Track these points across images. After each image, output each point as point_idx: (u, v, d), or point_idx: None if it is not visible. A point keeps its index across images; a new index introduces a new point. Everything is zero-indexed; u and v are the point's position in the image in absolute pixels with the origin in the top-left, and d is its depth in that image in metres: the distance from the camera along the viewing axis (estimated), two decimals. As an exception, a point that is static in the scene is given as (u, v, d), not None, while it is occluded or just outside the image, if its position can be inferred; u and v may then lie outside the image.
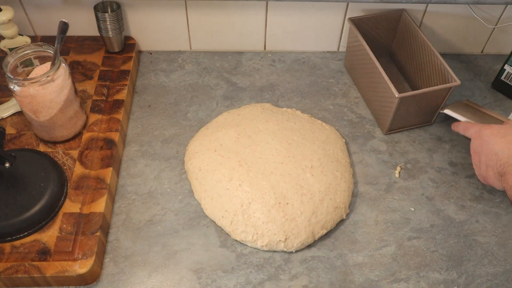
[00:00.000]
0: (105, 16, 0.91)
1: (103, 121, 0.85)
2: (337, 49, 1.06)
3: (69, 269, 0.67)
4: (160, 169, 0.83)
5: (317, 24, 1.00)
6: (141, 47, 1.04)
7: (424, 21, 0.99)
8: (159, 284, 0.70)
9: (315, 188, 0.77)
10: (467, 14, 0.98)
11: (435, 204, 0.81)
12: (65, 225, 0.72)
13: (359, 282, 0.72)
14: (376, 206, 0.80)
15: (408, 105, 0.84)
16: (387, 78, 0.83)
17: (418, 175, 0.85)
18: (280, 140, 0.82)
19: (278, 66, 1.02)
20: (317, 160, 0.80)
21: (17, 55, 0.76)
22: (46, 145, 0.82)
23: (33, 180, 0.74)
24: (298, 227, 0.73)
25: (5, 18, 0.86)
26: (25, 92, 0.73)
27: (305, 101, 0.95)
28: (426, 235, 0.77)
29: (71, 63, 0.95)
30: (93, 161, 0.79)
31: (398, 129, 0.90)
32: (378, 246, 0.76)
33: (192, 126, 0.90)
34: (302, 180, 0.77)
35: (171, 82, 0.98)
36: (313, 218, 0.74)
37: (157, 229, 0.76)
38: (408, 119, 0.89)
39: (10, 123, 0.85)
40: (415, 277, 0.73)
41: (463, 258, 0.75)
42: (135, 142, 0.87)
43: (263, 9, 0.97)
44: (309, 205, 0.75)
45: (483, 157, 0.70)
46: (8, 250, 0.69)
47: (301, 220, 0.74)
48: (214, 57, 1.03)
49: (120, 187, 0.81)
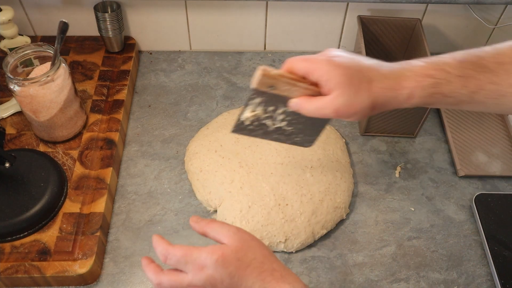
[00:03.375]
0: (105, 16, 0.91)
1: (103, 121, 0.85)
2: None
3: (69, 269, 0.67)
4: (160, 169, 0.83)
5: (317, 24, 1.00)
6: (141, 47, 1.04)
7: (424, 21, 0.99)
8: (159, 284, 0.70)
9: (315, 188, 0.77)
10: (467, 14, 0.98)
11: (435, 204, 0.81)
12: (65, 225, 0.72)
13: (359, 282, 0.72)
14: (376, 206, 0.80)
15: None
16: None
17: (418, 175, 0.85)
18: None
19: (278, 66, 1.02)
20: (317, 160, 0.80)
21: (17, 55, 0.76)
22: (46, 145, 0.82)
23: (33, 180, 0.74)
24: (298, 227, 0.73)
25: (5, 18, 0.86)
26: (25, 92, 0.73)
27: (305, 101, 0.95)
28: (426, 235, 0.77)
29: (71, 63, 0.95)
30: (93, 161, 0.79)
31: (376, 133, 0.90)
32: (378, 246, 0.76)
33: (192, 126, 0.90)
34: (302, 180, 0.77)
35: (171, 82, 0.98)
36: (313, 218, 0.74)
37: (157, 229, 0.76)
38: (387, 125, 0.87)
39: (10, 123, 0.85)
40: (415, 277, 0.73)
41: (463, 258, 0.75)
42: (135, 142, 0.87)
43: (263, 9, 0.97)
44: (309, 206, 0.75)
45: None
46: (8, 250, 0.69)
47: (301, 220, 0.74)
48: (214, 57, 1.03)
49: (120, 187, 0.81)
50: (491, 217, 0.77)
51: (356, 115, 0.56)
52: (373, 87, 0.54)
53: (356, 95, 0.54)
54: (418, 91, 0.54)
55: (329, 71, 0.54)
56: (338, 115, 0.55)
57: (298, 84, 0.57)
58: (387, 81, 0.55)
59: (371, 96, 0.54)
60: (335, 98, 0.54)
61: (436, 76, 0.54)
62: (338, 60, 0.56)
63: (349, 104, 0.54)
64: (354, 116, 0.56)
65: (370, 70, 0.55)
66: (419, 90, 0.54)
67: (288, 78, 0.56)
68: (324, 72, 0.55)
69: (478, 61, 0.55)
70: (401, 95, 0.54)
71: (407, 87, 0.54)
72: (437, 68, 0.55)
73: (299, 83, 0.57)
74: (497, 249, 0.74)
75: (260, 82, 0.56)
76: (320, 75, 0.55)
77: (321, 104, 0.55)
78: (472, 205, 0.80)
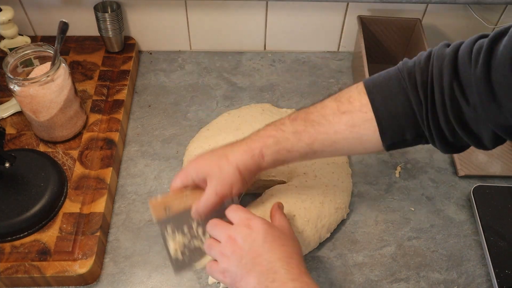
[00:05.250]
0: (105, 16, 0.91)
1: (103, 121, 0.85)
2: (337, 49, 1.06)
3: (69, 269, 0.67)
4: (160, 169, 0.83)
5: (317, 24, 1.00)
6: (141, 47, 1.04)
7: (424, 21, 0.99)
8: (159, 284, 0.70)
9: (314, 192, 0.76)
10: (467, 14, 0.98)
11: (435, 204, 0.81)
12: (65, 225, 0.72)
13: (359, 282, 0.72)
14: (376, 206, 0.80)
15: None
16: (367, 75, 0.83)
17: (418, 175, 0.85)
18: None
19: (278, 66, 1.02)
20: (312, 165, 0.79)
21: (17, 55, 0.76)
22: (46, 145, 0.82)
23: (33, 180, 0.74)
24: (309, 237, 0.72)
25: (5, 18, 0.86)
26: (25, 92, 0.73)
27: (305, 101, 0.95)
28: (426, 235, 0.77)
29: (71, 63, 0.95)
30: (93, 161, 0.79)
31: None
32: (378, 246, 0.76)
33: (192, 126, 0.90)
34: (299, 186, 0.76)
35: (171, 82, 0.98)
36: (319, 222, 0.73)
37: (157, 229, 0.76)
38: None
39: (10, 123, 0.85)
40: (415, 277, 0.73)
41: (463, 258, 0.75)
42: (135, 142, 0.87)
43: (263, 9, 0.97)
44: (313, 210, 0.73)
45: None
46: (8, 250, 0.69)
47: (310, 228, 0.72)
48: (214, 57, 1.03)
49: (120, 187, 0.81)
50: (489, 208, 0.78)
51: (233, 187, 0.63)
52: (230, 157, 0.63)
53: (221, 171, 0.62)
54: (265, 149, 0.63)
55: (194, 168, 0.64)
56: (220, 196, 0.63)
57: (185, 193, 0.65)
58: (240, 148, 0.64)
59: (232, 164, 0.62)
60: (209, 185, 0.63)
61: (276, 135, 0.63)
62: (199, 157, 0.66)
63: (221, 181, 0.62)
64: (233, 189, 0.63)
65: (224, 149, 0.65)
66: (266, 148, 0.63)
67: (173, 194, 0.65)
68: (192, 172, 0.64)
69: (307, 117, 0.62)
70: (254, 155, 0.62)
71: (256, 148, 0.63)
72: (276, 129, 0.63)
73: (184, 192, 0.65)
74: (493, 239, 0.75)
75: (155, 212, 0.64)
76: (190, 176, 0.64)
77: (205, 197, 0.63)
78: (470, 197, 0.80)
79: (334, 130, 0.60)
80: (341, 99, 0.62)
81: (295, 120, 0.63)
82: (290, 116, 0.64)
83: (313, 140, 0.61)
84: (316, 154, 0.63)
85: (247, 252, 0.57)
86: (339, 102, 0.61)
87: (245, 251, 0.57)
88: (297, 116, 0.63)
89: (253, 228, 0.58)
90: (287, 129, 0.63)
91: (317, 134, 0.61)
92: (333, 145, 0.61)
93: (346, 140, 0.61)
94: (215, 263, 0.60)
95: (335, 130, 0.60)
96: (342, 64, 1.03)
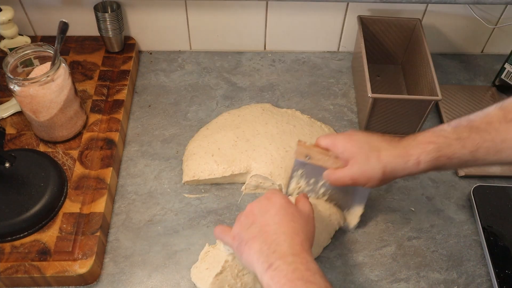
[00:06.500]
0: (105, 16, 0.91)
1: (103, 121, 0.85)
2: (337, 49, 1.06)
3: (69, 269, 0.67)
4: (160, 169, 0.83)
5: (317, 24, 1.00)
6: (141, 47, 1.04)
7: (424, 21, 0.99)
8: (159, 284, 0.70)
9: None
10: (467, 14, 0.98)
11: (435, 204, 0.81)
12: (65, 225, 0.72)
13: (359, 282, 0.72)
14: (376, 206, 0.80)
15: (384, 110, 0.84)
16: (367, 77, 0.83)
17: (418, 175, 0.85)
18: (277, 147, 0.80)
19: (278, 66, 1.02)
20: None
21: (17, 55, 0.76)
22: (46, 145, 0.82)
23: (33, 180, 0.74)
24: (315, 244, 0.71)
25: (5, 18, 0.86)
26: (25, 92, 0.73)
27: (305, 101, 0.95)
28: (426, 235, 0.77)
29: (71, 63, 0.95)
30: (93, 161, 0.79)
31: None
32: (378, 246, 0.76)
33: (192, 126, 0.90)
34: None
35: (171, 82, 0.98)
36: (320, 225, 0.73)
37: (157, 229, 0.76)
38: (387, 125, 0.87)
39: (10, 123, 0.85)
40: (415, 277, 0.73)
41: (463, 258, 0.75)
42: (135, 142, 0.87)
43: (263, 9, 0.97)
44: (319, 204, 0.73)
45: None
46: (8, 250, 0.69)
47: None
48: (214, 57, 1.03)
49: (120, 187, 0.81)
50: (489, 208, 0.78)
51: (370, 181, 0.65)
52: (382, 156, 0.64)
53: (367, 162, 0.64)
54: (424, 156, 0.62)
55: (344, 145, 0.66)
56: (354, 182, 0.65)
57: (329, 154, 0.68)
58: (395, 150, 0.64)
59: (380, 163, 0.63)
60: (350, 167, 0.65)
61: (437, 141, 0.62)
62: (353, 136, 0.67)
63: (362, 171, 0.64)
64: (369, 182, 0.65)
65: (379, 142, 0.65)
66: (424, 155, 0.62)
67: (319, 149, 0.69)
68: (340, 146, 0.67)
69: (470, 124, 0.62)
70: (409, 162, 0.63)
71: (413, 154, 0.63)
72: (437, 135, 0.63)
73: (329, 153, 0.68)
74: (493, 239, 0.75)
75: (297, 152, 0.69)
76: (338, 148, 0.67)
77: (341, 173, 0.66)
78: (470, 197, 0.80)
79: (501, 138, 0.60)
80: (507, 107, 0.61)
81: (457, 126, 0.63)
82: (450, 123, 0.64)
83: (477, 148, 0.61)
84: (477, 162, 0.62)
85: (258, 220, 0.59)
86: (506, 110, 0.61)
87: (257, 218, 0.59)
88: (459, 123, 0.63)
89: (271, 200, 0.61)
90: (450, 135, 0.62)
91: (483, 142, 0.60)
92: (497, 154, 0.61)
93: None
94: (229, 228, 0.62)
95: (503, 138, 0.60)
96: (342, 64, 1.03)
